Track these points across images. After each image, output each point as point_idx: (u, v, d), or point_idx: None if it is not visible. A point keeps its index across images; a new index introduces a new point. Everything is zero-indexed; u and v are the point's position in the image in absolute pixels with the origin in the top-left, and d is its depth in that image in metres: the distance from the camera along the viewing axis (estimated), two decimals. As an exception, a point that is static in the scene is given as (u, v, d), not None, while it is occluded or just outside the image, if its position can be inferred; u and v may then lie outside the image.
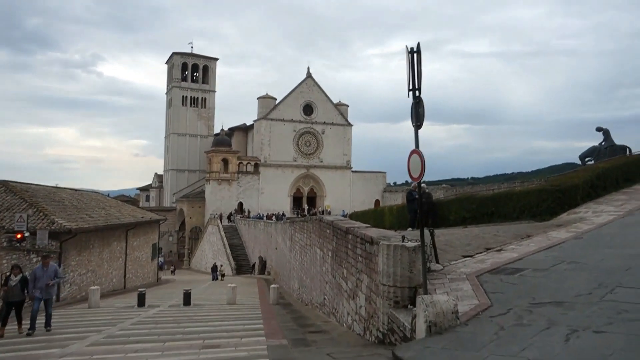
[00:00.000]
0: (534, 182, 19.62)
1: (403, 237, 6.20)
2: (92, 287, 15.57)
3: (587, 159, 21.10)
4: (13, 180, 21.70)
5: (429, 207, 15.11)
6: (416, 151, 5.39)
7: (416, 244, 6.06)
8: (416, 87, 5.26)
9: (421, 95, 5.32)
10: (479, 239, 8.97)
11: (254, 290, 21.01)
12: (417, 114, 5.34)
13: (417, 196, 15.47)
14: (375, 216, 21.05)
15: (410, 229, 15.26)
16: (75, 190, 28.60)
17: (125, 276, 25.98)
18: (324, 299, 11.76)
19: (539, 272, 5.97)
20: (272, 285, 15.62)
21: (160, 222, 36.39)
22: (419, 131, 5.41)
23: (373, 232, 7.27)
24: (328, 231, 10.85)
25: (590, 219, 10.33)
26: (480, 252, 7.50)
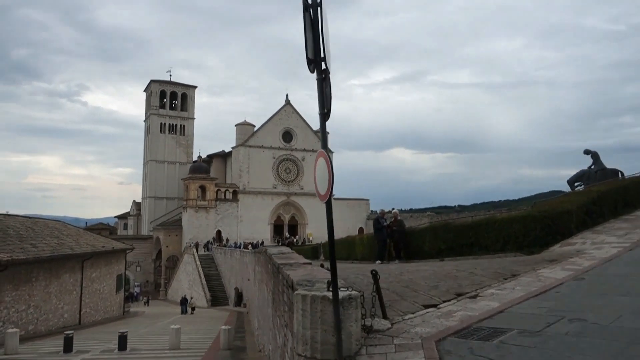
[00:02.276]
0: (520, 209, 17.82)
1: (329, 283, 4.16)
2: (10, 330, 13.19)
3: (576, 184, 19.44)
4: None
5: (399, 237, 13.13)
6: (323, 154, 3.47)
7: (349, 293, 4.03)
8: (322, 56, 3.40)
9: (329, 73, 3.43)
10: (451, 278, 6.94)
11: (215, 329, 18.67)
12: (323, 95, 3.44)
13: (385, 224, 13.53)
14: (347, 246, 18.97)
15: (378, 261, 13.18)
16: (30, 217, 26.14)
17: (80, 311, 23.37)
18: (270, 348, 9.63)
19: (528, 337, 3.95)
20: (223, 327, 13.32)
21: (128, 252, 33.79)
22: (327, 123, 3.49)
23: (300, 272, 5.22)
24: (269, 266, 8.80)
25: (590, 252, 8.39)
26: (449, 300, 5.46)
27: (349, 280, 7.42)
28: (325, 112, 3.44)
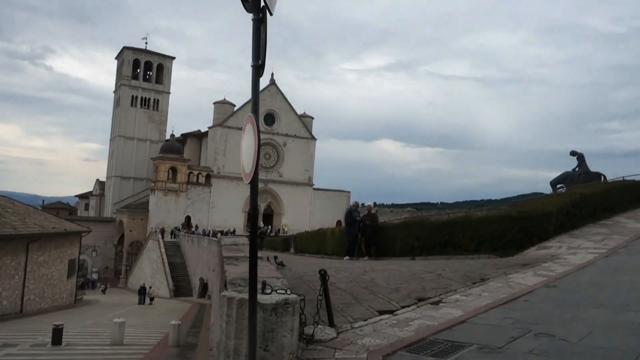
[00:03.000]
0: (500, 209, 17.76)
1: (264, 284, 3.76)
2: None
3: (558, 186, 19.47)
4: None
5: (371, 233, 12.83)
6: (251, 120, 3.05)
7: (285, 297, 3.64)
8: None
9: (269, 13, 2.96)
10: (416, 280, 6.64)
11: (168, 323, 18.15)
12: (259, 41, 2.99)
13: (358, 218, 13.21)
14: (318, 239, 18.65)
15: (347, 257, 12.88)
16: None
17: (22, 297, 22.50)
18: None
19: (487, 355, 3.63)
20: (173, 322, 12.85)
21: (83, 234, 32.81)
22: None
23: (241, 268, 4.81)
24: (218, 259, 8.44)
25: (565, 257, 8.20)
26: (408, 306, 5.13)
27: (306, 279, 7.06)
28: (259, 64, 2.98)
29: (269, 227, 58.99)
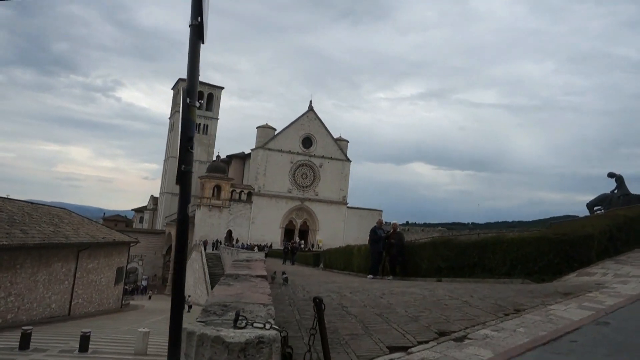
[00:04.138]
0: (533, 230, 16.10)
1: (237, 315, 2.76)
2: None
3: (595, 208, 17.58)
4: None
5: (397, 251, 11.60)
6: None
7: (258, 333, 2.62)
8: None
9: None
10: (439, 307, 5.45)
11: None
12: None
13: (383, 235, 12.03)
14: (345, 255, 17.48)
15: (370, 276, 11.68)
16: (32, 203, 25.36)
17: (71, 301, 22.39)
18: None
19: None
20: (140, 329, 11.94)
21: (132, 245, 32.91)
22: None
23: (230, 291, 3.82)
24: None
25: (613, 285, 6.77)
26: (426, 342, 3.98)
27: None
28: (198, 23, 2.13)
29: (302, 242, 58.01)
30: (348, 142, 67.31)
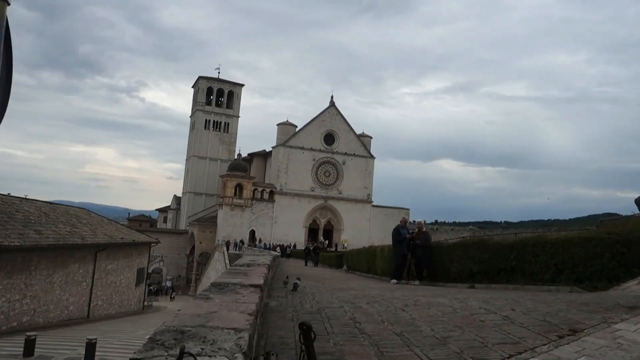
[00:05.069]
0: (573, 229, 14.80)
1: (181, 354, 1.93)
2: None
3: (645, 204, 16.08)
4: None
5: (423, 253, 10.61)
6: None
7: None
8: None
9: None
10: (473, 325, 4.50)
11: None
12: None
13: (407, 235, 11.06)
14: (368, 257, 16.55)
15: (394, 281, 10.72)
16: (51, 203, 25.44)
17: (90, 303, 22.26)
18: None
19: None
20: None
21: (153, 245, 32.82)
22: None
23: (199, 310, 3.02)
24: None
25: (688, 297, 5.65)
26: (458, 378, 3.06)
27: (326, 313, 5.13)
28: None
29: (326, 242, 57.17)
30: (371, 138, 66.07)
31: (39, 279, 17.04)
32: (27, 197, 22.56)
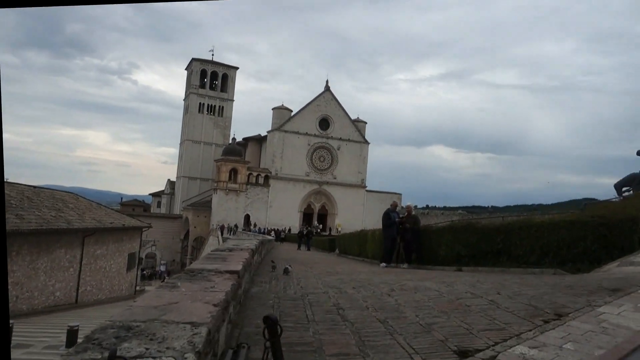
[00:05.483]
0: (553, 213, 14.76)
1: (111, 357, 1.73)
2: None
3: (624, 189, 16.09)
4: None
5: (412, 237, 10.54)
6: None
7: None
8: None
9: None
10: (459, 310, 4.41)
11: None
12: None
13: (397, 219, 10.96)
14: (359, 241, 16.50)
15: (383, 264, 10.66)
16: (35, 187, 24.86)
17: (78, 289, 21.99)
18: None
19: None
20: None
21: (144, 230, 32.53)
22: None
23: (160, 301, 2.84)
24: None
25: (672, 280, 5.59)
26: (440, 365, 2.96)
27: (310, 300, 5.02)
28: None
29: (320, 226, 57.23)
30: (366, 123, 65.78)
31: (21, 264, 16.70)
32: (7, 180, 22.06)
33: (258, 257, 9.57)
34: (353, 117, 64.07)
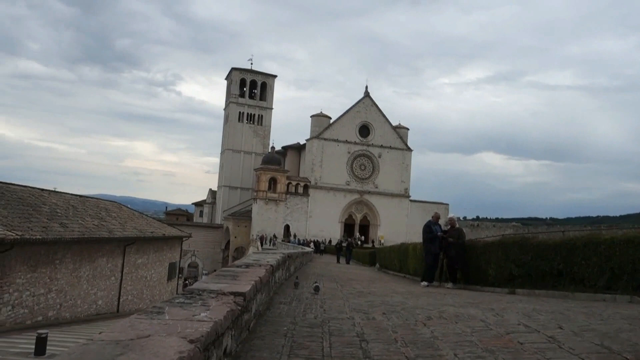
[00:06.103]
0: (632, 229, 13.32)
1: None
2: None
3: None
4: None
5: (457, 253, 9.68)
6: None
7: None
8: None
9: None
10: (509, 350, 3.65)
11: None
12: None
13: (439, 233, 10.12)
14: (400, 255, 15.67)
15: (424, 283, 9.85)
16: (81, 196, 25.83)
17: (119, 298, 22.50)
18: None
19: None
20: None
21: (184, 239, 33.06)
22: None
23: (110, 339, 2.34)
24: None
25: None
26: None
27: (331, 327, 4.40)
28: None
29: (362, 237, 56.22)
30: (408, 129, 64.41)
31: (65, 272, 17.15)
32: (56, 189, 22.91)
33: (285, 273, 9.05)
34: (394, 123, 62.94)
